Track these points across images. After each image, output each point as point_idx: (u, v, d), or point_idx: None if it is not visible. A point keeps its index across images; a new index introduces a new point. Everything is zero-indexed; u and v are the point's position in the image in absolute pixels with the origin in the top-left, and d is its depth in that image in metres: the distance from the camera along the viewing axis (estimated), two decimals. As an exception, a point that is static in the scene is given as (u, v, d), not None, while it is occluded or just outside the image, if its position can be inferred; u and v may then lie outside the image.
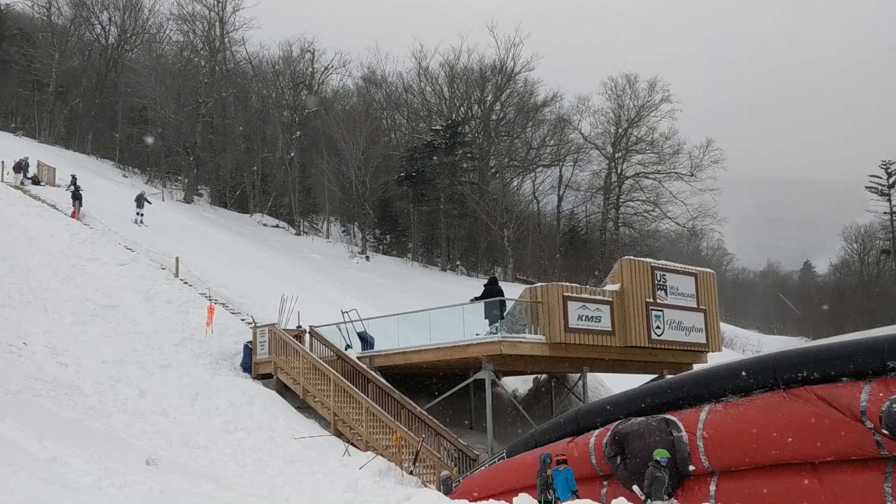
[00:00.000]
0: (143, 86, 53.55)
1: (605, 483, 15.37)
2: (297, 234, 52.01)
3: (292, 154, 54.93)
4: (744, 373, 14.13)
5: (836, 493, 12.53)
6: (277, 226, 52.15)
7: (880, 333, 13.66)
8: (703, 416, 14.19)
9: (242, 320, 27.33)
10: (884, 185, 71.12)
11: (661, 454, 12.45)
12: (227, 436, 20.24)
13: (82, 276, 27.43)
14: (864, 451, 12.31)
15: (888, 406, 11.67)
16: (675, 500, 12.94)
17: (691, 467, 14.16)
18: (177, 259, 30.14)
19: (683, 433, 14.20)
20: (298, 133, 56.77)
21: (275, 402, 22.69)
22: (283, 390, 23.64)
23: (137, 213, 36.24)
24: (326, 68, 62.45)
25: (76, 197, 34.21)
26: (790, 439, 12.81)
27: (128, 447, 17.29)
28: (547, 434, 17.53)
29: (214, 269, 31.74)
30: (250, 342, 24.90)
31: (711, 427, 13.98)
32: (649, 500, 11.76)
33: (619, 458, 14.69)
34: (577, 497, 13.98)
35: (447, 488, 18.76)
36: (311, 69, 61.74)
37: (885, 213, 71.43)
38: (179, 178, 54.34)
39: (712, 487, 14.00)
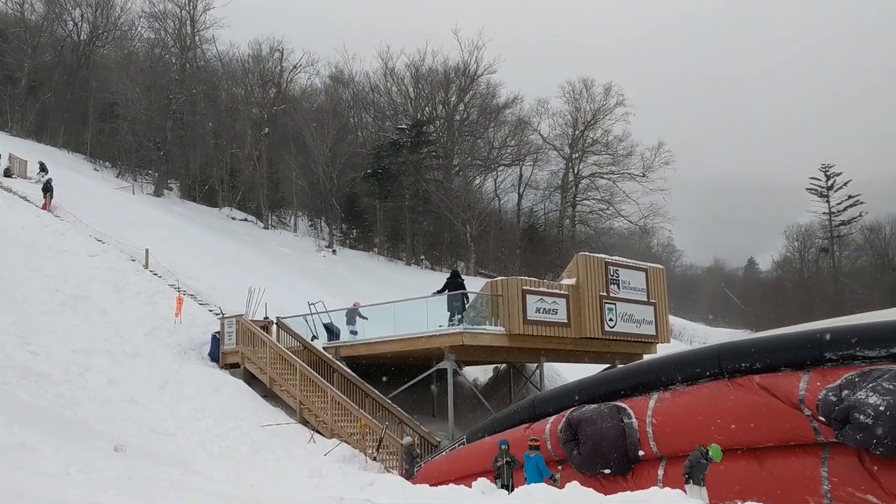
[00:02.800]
0: (114, 82, 52.67)
1: (560, 468, 15.50)
2: (265, 227, 51.58)
3: (260, 149, 54.47)
4: (688, 364, 14.34)
5: (776, 476, 12.76)
6: (246, 219, 51.66)
7: (818, 327, 13.93)
8: (652, 403, 14.38)
9: (210, 311, 27.06)
10: (823, 187, 72.46)
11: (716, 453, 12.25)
12: (194, 423, 20.04)
13: (53, 266, 26.93)
14: (803, 437, 12.56)
15: (825, 395, 11.91)
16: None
17: (641, 452, 14.33)
18: (146, 251, 29.72)
19: (633, 420, 14.37)
20: (267, 130, 56.29)
21: (242, 390, 22.51)
22: (251, 379, 23.47)
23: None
24: (295, 67, 61.98)
25: (47, 189, 33.57)
26: (733, 426, 13.02)
27: (97, 434, 17.05)
28: (505, 421, 17.63)
29: (183, 262, 31.36)
30: (218, 332, 24.68)
31: (660, 414, 14.16)
32: (690, 482, 11.82)
33: (573, 444, 14.82)
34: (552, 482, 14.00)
35: (409, 455, 18.82)
36: (279, 68, 61.28)
37: (823, 213, 72.80)
38: (150, 172, 53.57)
39: (660, 472, 14.19)
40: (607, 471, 14.55)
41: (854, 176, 72.50)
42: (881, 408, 11.18)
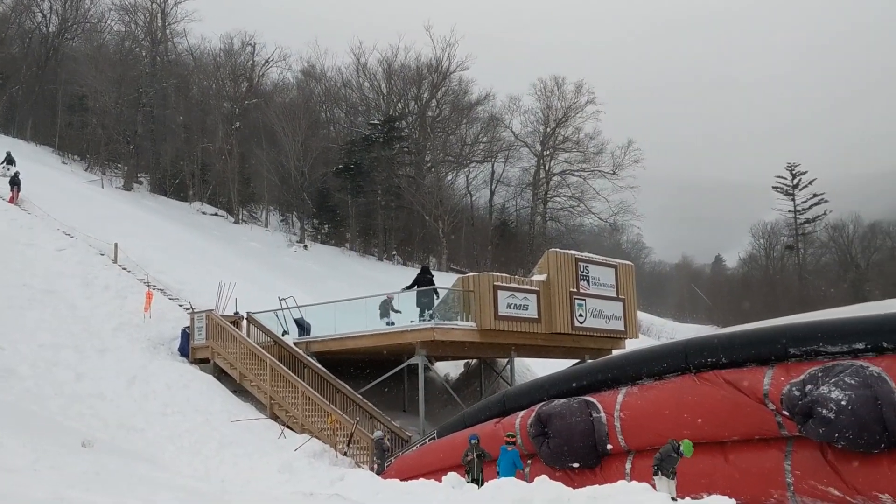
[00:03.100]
0: (83, 74, 51.90)
1: (529, 462, 15.57)
2: (236, 222, 51.15)
3: (232, 144, 54.01)
4: (656, 359, 14.47)
5: (741, 470, 12.92)
6: (216, 214, 51.17)
7: (782, 323, 14.12)
8: (620, 398, 14.48)
9: (180, 306, 26.79)
10: (788, 186, 73.41)
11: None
12: (163, 418, 19.87)
13: (20, 261, 26.51)
14: (767, 431, 12.73)
15: (788, 390, 12.08)
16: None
17: (609, 446, 14.44)
18: (115, 245, 29.37)
19: (602, 414, 14.47)
20: (238, 124, 55.82)
21: (211, 386, 22.35)
22: (220, 375, 23.30)
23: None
24: (267, 62, 61.48)
25: (14, 182, 33.04)
26: (700, 420, 13.17)
27: (64, 430, 16.84)
28: (476, 416, 17.67)
29: (153, 256, 31.01)
30: (188, 327, 24.46)
31: (628, 408, 14.27)
32: (659, 474, 11.87)
33: (542, 438, 14.89)
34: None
35: (380, 449, 18.81)
36: (251, 62, 60.76)
37: (789, 211, 73.76)
38: (119, 165, 52.87)
39: (628, 465, 14.31)
40: (576, 465, 14.64)
41: (819, 175, 73.55)
42: (843, 402, 11.36)
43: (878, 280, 65.38)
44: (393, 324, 23.19)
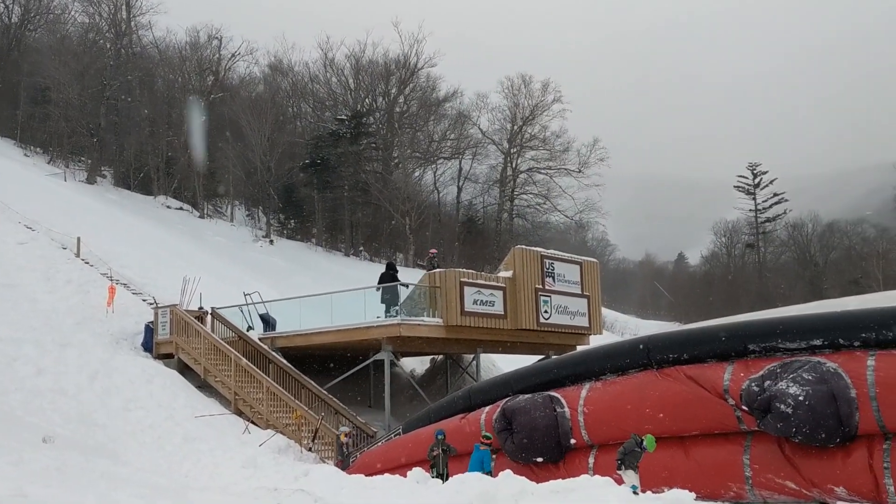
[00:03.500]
0: (46, 66, 50.93)
1: (494, 456, 15.62)
2: (201, 216, 50.60)
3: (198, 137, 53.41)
4: (619, 355, 14.60)
5: (701, 464, 13.09)
6: (181, 208, 50.56)
7: (742, 319, 14.32)
8: (583, 393, 14.59)
9: (144, 301, 26.45)
10: (750, 185, 74.45)
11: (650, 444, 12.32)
12: (126, 414, 19.60)
13: (-21, 254, 25.99)
14: (727, 426, 12.90)
15: (748, 385, 12.26)
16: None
17: (572, 441, 14.54)
18: (78, 239, 28.89)
19: (566, 409, 14.56)
20: (204, 118, 55.20)
21: (175, 381, 22.08)
22: (184, 370, 23.05)
23: None
24: (233, 55, 60.88)
25: (-26, 175, 32.38)
26: (661, 415, 13.31)
27: (24, 425, 16.53)
28: (441, 411, 17.69)
29: (117, 250, 30.57)
30: (151, 322, 24.15)
31: (591, 403, 14.38)
32: (622, 468, 11.94)
33: (507, 433, 14.95)
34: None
35: (338, 444, 18.78)
36: (217, 56, 60.11)
37: (750, 210, 74.81)
38: (82, 158, 51.99)
39: (591, 459, 14.42)
40: (540, 459, 14.72)
41: (780, 175, 74.70)
42: (800, 398, 11.55)
43: (836, 278, 66.51)
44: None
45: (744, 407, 12.40)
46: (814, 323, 12.62)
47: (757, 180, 74.10)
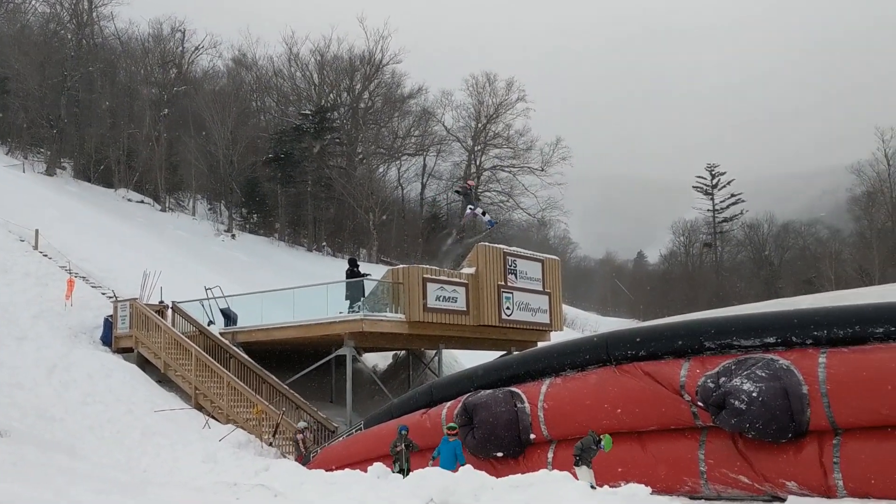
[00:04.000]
0: (5, 56, 49.84)
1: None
2: (163, 210, 49.94)
3: (159, 130, 52.68)
4: (579, 351, 14.72)
5: (658, 459, 13.24)
6: (142, 202, 49.82)
7: (699, 317, 14.52)
8: (544, 388, 14.67)
9: (103, 294, 26.05)
10: (708, 186, 75.55)
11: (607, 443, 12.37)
12: (84, 408, 19.31)
13: (-67, 245, 25.38)
14: (683, 421, 13.07)
15: (703, 381, 12.43)
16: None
17: (532, 436, 14.62)
18: (36, 231, 28.36)
19: (526, 404, 14.64)
20: (166, 111, 54.44)
21: (135, 375, 21.82)
22: (144, 364, 22.77)
23: None
24: (197, 48, 60.16)
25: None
26: (619, 410, 13.44)
27: (-22, 420, 16.19)
28: (403, 406, 17.66)
29: (76, 243, 30.07)
30: (111, 316, 23.80)
31: (551, 399, 14.46)
32: (578, 464, 12.00)
33: (468, 428, 14.98)
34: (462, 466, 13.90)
35: (294, 441, 18.71)
36: (180, 48, 59.30)
37: (708, 210, 75.94)
38: (42, 150, 50.98)
39: (550, 454, 14.51)
40: (500, 454, 14.78)
41: (737, 176, 75.86)
42: (754, 394, 11.75)
43: (790, 277, 67.77)
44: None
45: (699, 403, 12.58)
46: (768, 321, 12.82)
47: (715, 181, 75.23)
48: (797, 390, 11.79)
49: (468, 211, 22.08)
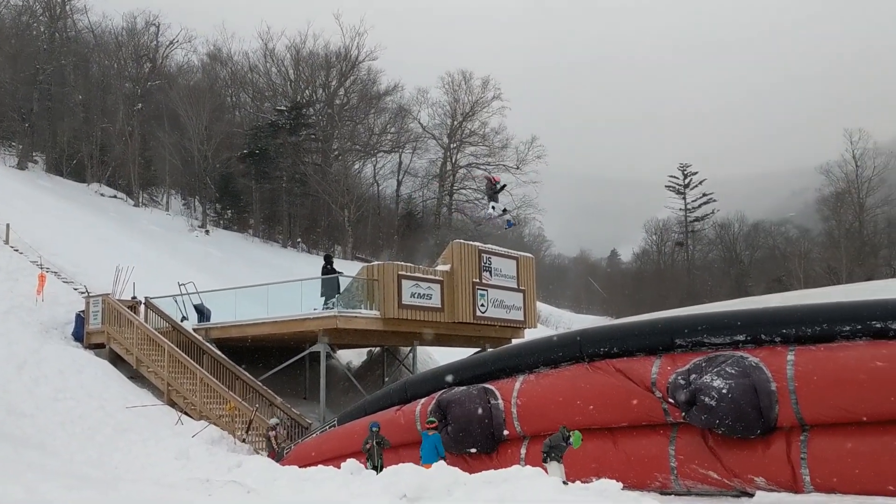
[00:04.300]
0: (-25, 47, 49.06)
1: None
2: (136, 205, 49.38)
3: (133, 125, 52.06)
4: (552, 348, 14.79)
5: (629, 455, 13.35)
6: (115, 196, 49.21)
7: (670, 315, 14.65)
8: (517, 385, 14.74)
9: (75, 289, 25.73)
10: (680, 185, 76.17)
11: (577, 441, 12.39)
12: (55, 404, 19.06)
13: None
14: (654, 417, 13.19)
15: (674, 378, 12.56)
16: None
17: (506, 432, 14.68)
18: (7, 225, 27.94)
19: (500, 401, 14.70)
20: (140, 105, 53.83)
21: (107, 371, 21.57)
22: (116, 360, 22.53)
23: None
24: (171, 43, 59.50)
25: None
26: (592, 406, 13.54)
27: (-54, 416, 15.94)
28: (377, 403, 17.66)
29: (48, 238, 29.66)
30: (83, 311, 23.52)
31: (524, 395, 14.53)
32: (547, 460, 12.04)
33: (442, 424, 15.00)
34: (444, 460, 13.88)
35: (266, 437, 18.61)
36: (155, 42, 58.67)
37: (680, 209, 76.57)
38: (13, 144, 50.19)
39: (523, 450, 14.58)
40: (473, 450, 14.82)
41: (709, 175, 76.53)
42: (724, 391, 11.88)
43: (760, 276, 68.54)
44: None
45: (670, 400, 12.69)
46: (738, 319, 12.98)
47: (687, 181, 75.85)
48: (766, 387, 11.94)
49: (490, 210, 21.87)
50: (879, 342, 11.55)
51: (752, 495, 12.21)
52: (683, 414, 12.42)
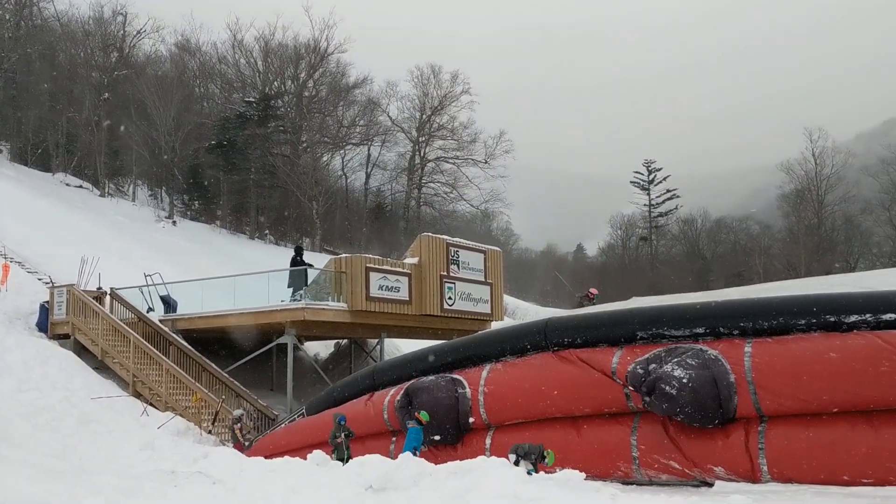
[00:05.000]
0: (-63, 34, 47.94)
1: (394, 439, 15.69)
2: (102, 195, 48.63)
3: (100, 115, 51.23)
4: (519, 338, 14.93)
5: (592, 445, 13.49)
6: (81, 186, 48.41)
7: (632, 307, 14.86)
8: (484, 374, 14.84)
9: (40, 280, 25.32)
10: (645, 181, 76.85)
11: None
12: (18, 395, 18.75)
13: None
14: (616, 404, 13.38)
15: (633, 368, 12.76)
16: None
17: (471, 419, 14.77)
18: (-31, 215, 27.40)
19: (467, 389, 14.78)
20: (107, 95, 52.97)
21: (72, 362, 21.27)
22: (81, 351, 22.22)
23: None
24: (139, 32, 58.62)
25: None
26: (556, 392, 13.72)
27: None
28: (345, 390, 17.67)
29: (12, 227, 29.14)
30: (47, 302, 23.15)
31: (491, 383, 14.64)
32: (519, 464, 12.12)
33: (406, 411, 15.03)
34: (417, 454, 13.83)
35: (231, 430, 18.48)
36: (122, 32, 57.73)
37: (644, 205, 77.27)
38: (-23, 132, 49.25)
39: (488, 440, 14.66)
40: (438, 437, 14.86)
41: (673, 172, 77.28)
42: (685, 380, 12.05)
43: (721, 271, 69.36)
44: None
45: (631, 388, 12.85)
46: (697, 312, 13.17)
47: (651, 177, 76.52)
48: (725, 378, 12.13)
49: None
50: (833, 335, 11.78)
51: (711, 485, 12.38)
52: (644, 401, 12.56)
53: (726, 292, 15.61)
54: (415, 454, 13.28)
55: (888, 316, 11.48)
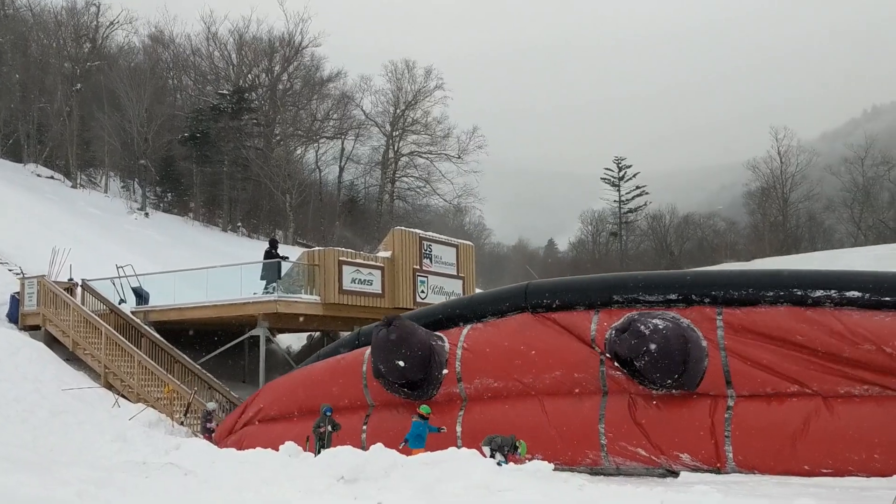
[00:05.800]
0: None
1: (368, 416, 15.89)
2: (74, 186, 47.95)
3: (72, 105, 50.47)
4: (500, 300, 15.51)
5: (560, 432, 13.75)
6: (52, 177, 47.66)
7: (609, 275, 15.42)
8: (464, 332, 15.36)
9: (10, 271, 24.95)
10: (615, 177, 77.20)
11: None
12: (-12, 387, 18.46)
13: None
14: (589, 367, 13.86)
15: (610, 333, 13.07)
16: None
17: (445, 370, 14.98)
18: (-62, 205, 26.90)
19: (446, 343, 15.09)
20: (79, 85, 52.18)
21: (42, 353, 20.98)
22: (52, 342, 21.94)
23: None
24: (112, 23, 57.76)
25: None
26: (533, 352, 14.18)
27: None
28: (330, 354, 18.02)
29: (-19, 218, 28.65)
30: (18, 293, 22.81)
31: (470, 340, 15.12)
32: (494, 456, 12.22)
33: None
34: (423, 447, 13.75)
35: (204, 422, 18.40)
36: (95, 23, 56.87)
37: (615, 201, 77.57)
38: (-55, 122, 48.28)
39: (461, 414, 14.90)
40: (405, 387, 14.97)
41: (642, 169, 77.78)
42: (660, 326, 12.52)
43: (688, 266, 69.99)
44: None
45: (607, 354, 13.15)
46: (671, 279, 13.94)
47: (621, 173, 76.85)
48: (698, 342, 12.62)
49: None
50: (799, 308, 12.28)
51: (677, 475, 12.56)
52: (615, 339, 12.78)
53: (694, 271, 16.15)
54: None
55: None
